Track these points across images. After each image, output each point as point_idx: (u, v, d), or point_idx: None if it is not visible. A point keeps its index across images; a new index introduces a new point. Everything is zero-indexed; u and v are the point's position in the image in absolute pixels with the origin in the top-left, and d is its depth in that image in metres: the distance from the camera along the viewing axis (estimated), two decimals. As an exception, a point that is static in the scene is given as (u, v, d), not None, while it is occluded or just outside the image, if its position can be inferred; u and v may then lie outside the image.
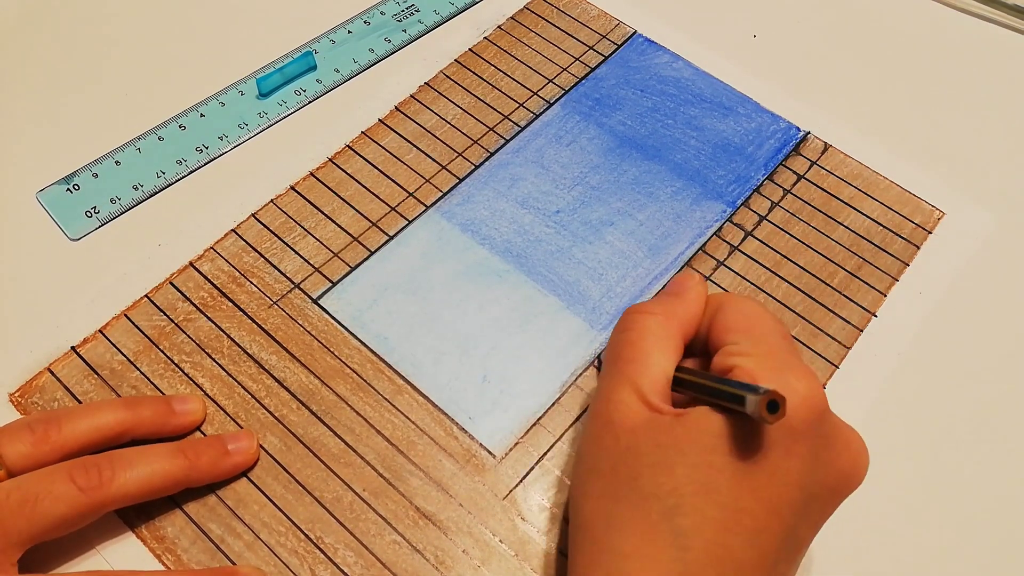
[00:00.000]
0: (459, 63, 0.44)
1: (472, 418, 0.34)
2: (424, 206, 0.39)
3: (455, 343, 0.35)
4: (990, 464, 0.34)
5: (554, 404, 0.34)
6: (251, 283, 0.37)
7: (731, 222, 0.39)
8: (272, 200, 0.39)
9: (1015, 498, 0.33)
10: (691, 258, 0.38)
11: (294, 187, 0.39)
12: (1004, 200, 0.41)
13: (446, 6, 0.47)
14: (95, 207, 0.39)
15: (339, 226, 0.38)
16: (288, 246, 0.38)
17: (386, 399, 0.34)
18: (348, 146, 0.41)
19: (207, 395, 0.34)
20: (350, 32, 0.45)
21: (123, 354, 0.34)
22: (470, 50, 0.45)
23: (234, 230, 0.38)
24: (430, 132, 0.42)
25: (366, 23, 0.46)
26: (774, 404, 0.24)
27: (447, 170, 0.40)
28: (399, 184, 0.40)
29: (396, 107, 0.42)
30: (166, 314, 0.36)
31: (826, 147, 0.42)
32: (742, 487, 0.25)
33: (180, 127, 0.41)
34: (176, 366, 0.34)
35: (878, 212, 0.40)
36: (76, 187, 0.39)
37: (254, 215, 0.39)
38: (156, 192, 0.39)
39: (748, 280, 0.38)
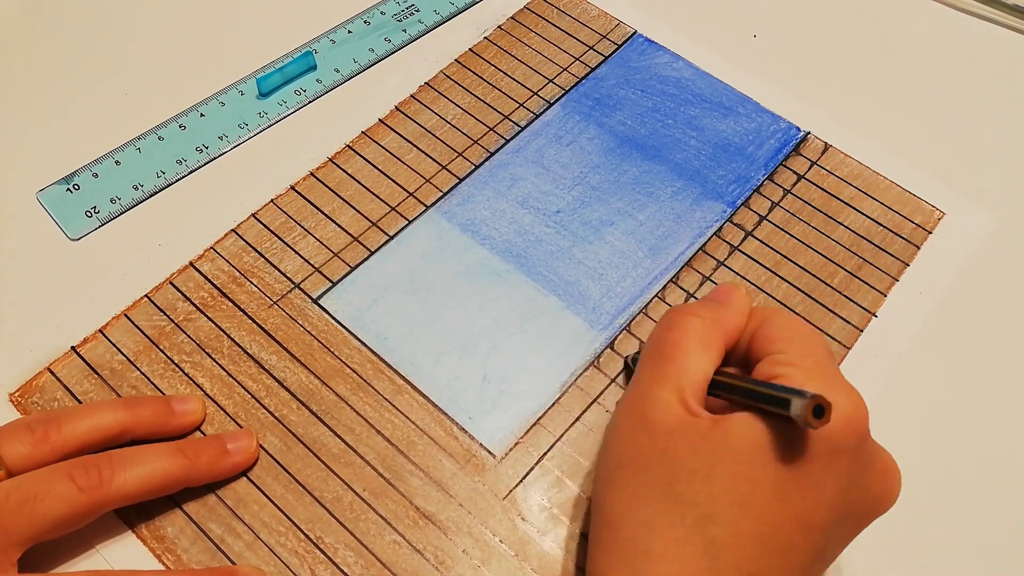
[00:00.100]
0: (459, 63, 0.44)
1: (472, 418, 0.34)
2: (424, 206, 0.39)
3: (455, 343, 0.35)
4: (990, 463, 0.34)
5: (554, 404, 0.34)
6: (251, 283, 0.37)
7: (731, 222, 0.39)
8: (272, 200, 0.39)
9: (1015, 496, 0.33)
10: (691, 258, 0.38)
11: (294, 187, 0.39)
12: (1004, 200, 0.41)
13: (446, 6, 0.47)
14: (95, 207, 0.39)
15: (339, 226, 0.38)
16: (288, 246, 0.38)
17: (386, 399, 0.34)
18: (348, 146, 0.41)
19: (207, 395, 0.34)
20: (350, 32, 0.45)
21: (123, 354, 0.34)
22: (470, 50, 0.45)
23: (234, 230, 0.38)
24: (430, 132, 0.42)
25: (366, 23, 0.46)
26: (820, 409, 0.23)
27: (447, 170, 0.40)
28: (399, 184, 0.40)
29: (396, 107, 0.42)
30: (166, 314, 0.36)
31: (826, 147, 0.42)
32: (779, 502, 0.25)
33: (180, 127, 0.41)
34: (176, 366, 0.34)
35: (878, 212, 0.40)
36: (76, 187, 0.39)
37: (254, 215, 0.39)
38: (156, 192, 0.39)
39: (748, 280, 0.38)
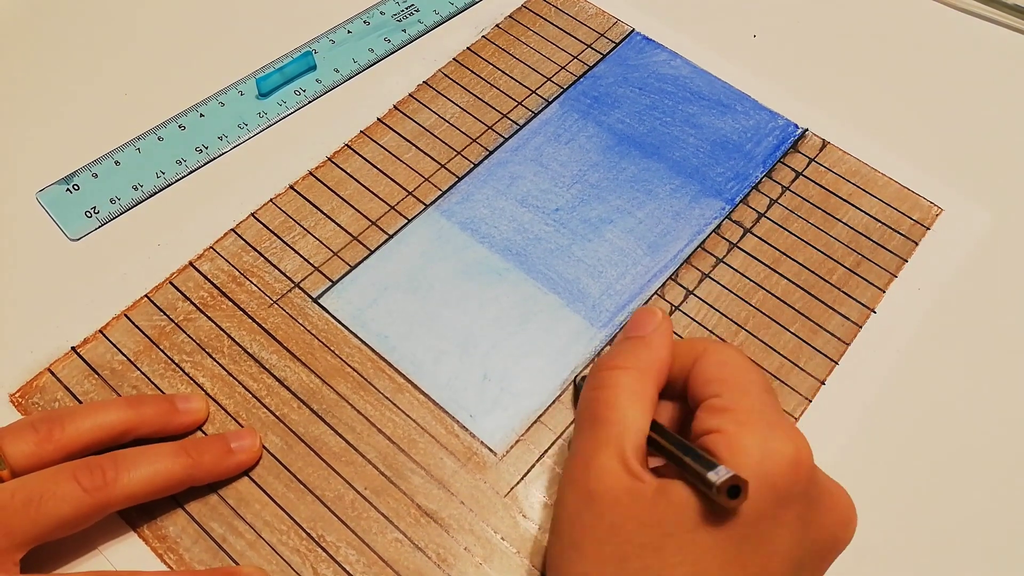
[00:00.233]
0: (458, 62, 0.44)
1: (473, 416, 0.34)
2: (423, 205, 0.39)
3: (455, 341, 0.36)
4: (990, 460, 0.34)
5: (555, 402, 0.34)
6: (251, 282, 0.37)
7: (730, 219, 0.39)
8: (272, 199, 0.39)
9: (1015, 494, 0.33)
10: (690, 255, 0.38)
11: (293, 186, 0.40)
12: (1002, 197, 0.41)
13: (446, 6, 0.47)
14: (95, 207, 0.39)
15: (339, 225, 0.38)
16: (288, 245, 0.38)
17: (387, 398, 0.34)
18: (347, 145, 0.41)
19: (208, 395, 0.34)
20: (350, 32, 0.46)
21: (123, 354, 0.34)
22: (468, 49, 0.45)
23: (234, 230, 0.38)
24: (429, 131, 0.42)
25: (366, 23, 0.46)
26: (735, 489, 0.24)
27: (446, 169, 0.40)
28: (398, 183, 0.40)
29: (395, 106, 0.43)
30: (166, 314, 0.36)
31: (824, 144, 0.42)
32: (733, 564, 0.25)
33: (180, 127, 0.41)
34: (176, 366, 0.34)
35: (876, 209, 0.40)
36: (76, 187, 0.39)
37: (254, 215, 0.39)
38: (156, 192, 0.39)
39: (747, 277, 0.38)
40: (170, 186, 0.40)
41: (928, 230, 0.39)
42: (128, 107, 0.42)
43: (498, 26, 0.46)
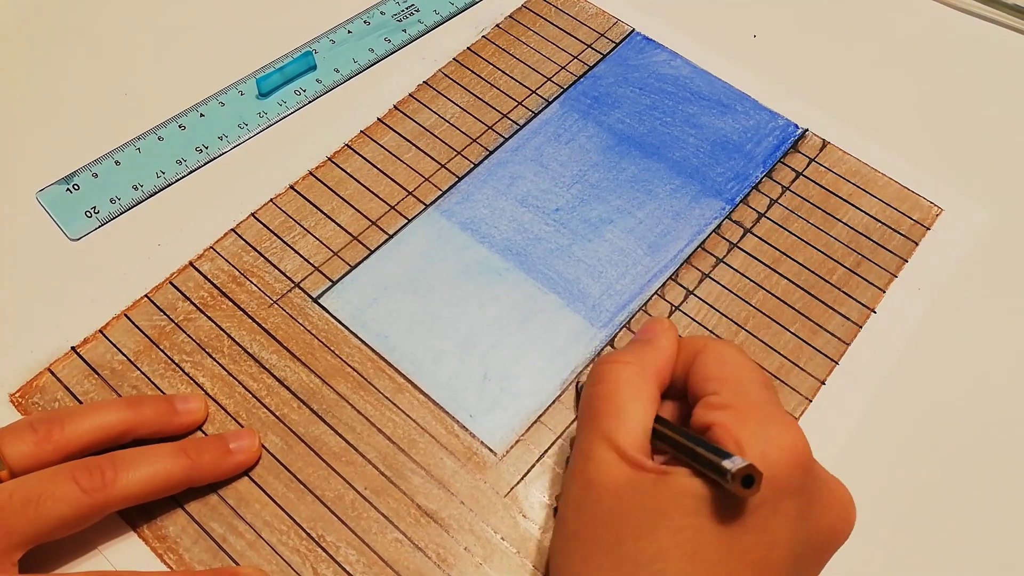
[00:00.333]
0: (458, 62, 0.44)
1: (473, 416, 0.34)
2: (423, 205, 0.39)
3: (455, 341, 0.35)
4: (990, 460, 0.34)
5: (555, 401, 0.34)
6: (251, 282, 0.37)
7: (730, 219, 0.39)
8: (272, 199, 0.39)
9: (1015, 494, 0.33)
10: (690, 255, 0.38)
11: (294, 186, 0.40)
12: (1002, 197, 0.41)
13: (446, 6, 0.47)
14: (95, 207, 0.39)
15: (339, 225, 0.38)
16: (288, 245, 0.38)
17: (387, 398, 0.34)
18: (347, 145, 0.41)
19: (208, 395, 0.34)
20: (350, 32, 0.46)
21: (123, 354, 0.34)
22: (469, 49, 0.45)
23: (234, 229, 0.38)
24: (429, 131, 0.42)
25: (366, 23, 0.46)
26: (749, 478, 0.23)
27: (446, 169, 0.40)
28: (398, 183, 0.40)
29: (395, 106, 0.42)
30: (166, 314, 0.36)
31: (824, 144, 0.42)
32: (729, 551, 0.24)
33: (180, 127, 0.41)
34: (176, 366, 0.34)
35: (876, 209, 0.40)
36: (76, 187, 0.39)
37: (254, 214, 0.39)
38: (156, 192, 0.39)
39: (747, 277, 0.38)
40: (170, 186, 0.40)
41: (928, 230, 0.39)
42: (128, 107, 0.42)
43: (498, 26, 0.46)
